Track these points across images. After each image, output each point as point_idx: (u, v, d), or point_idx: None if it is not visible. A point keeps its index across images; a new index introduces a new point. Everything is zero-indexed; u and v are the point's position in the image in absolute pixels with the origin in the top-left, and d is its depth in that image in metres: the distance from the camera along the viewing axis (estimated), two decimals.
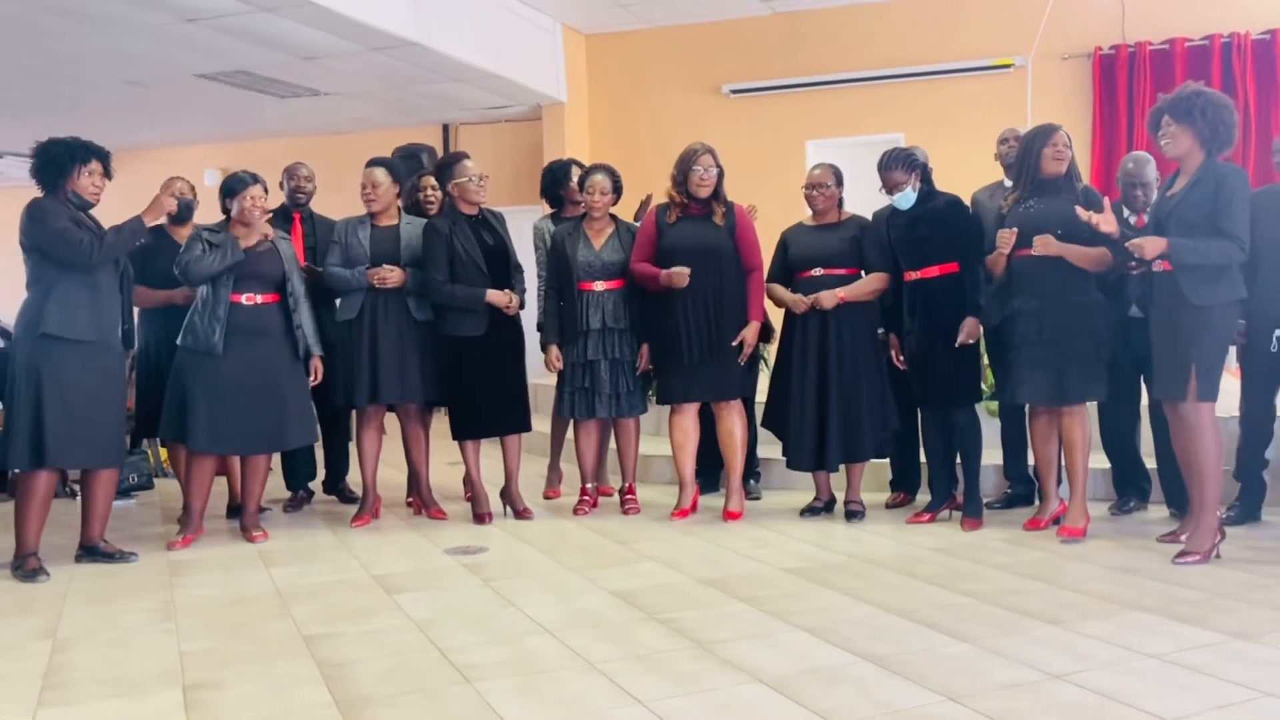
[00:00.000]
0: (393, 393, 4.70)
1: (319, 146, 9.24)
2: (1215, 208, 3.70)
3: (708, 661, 2.89)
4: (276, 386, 4.42)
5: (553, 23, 8.51)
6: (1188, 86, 3.85)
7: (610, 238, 4.78)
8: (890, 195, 4.48)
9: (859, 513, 4.68)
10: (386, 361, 4.65)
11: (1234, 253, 3.70)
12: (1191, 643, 2.94)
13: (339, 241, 4.76)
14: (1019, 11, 7.69)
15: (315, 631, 3.24)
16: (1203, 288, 3.72)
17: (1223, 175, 3.74)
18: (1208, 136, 3.75)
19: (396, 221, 4.81)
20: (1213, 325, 3.76)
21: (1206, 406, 3.80)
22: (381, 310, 4.68)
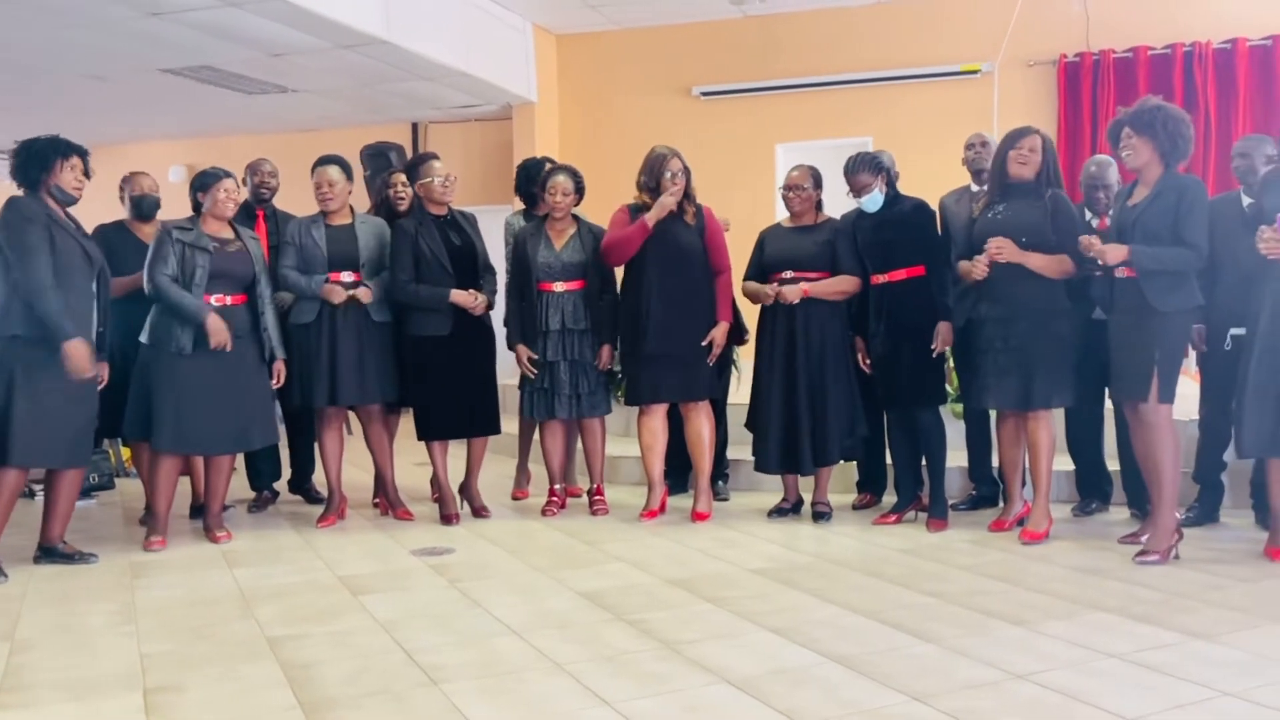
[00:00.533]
0: (351, 394, 4.67)
1: (287, 143, 9.16)
2: (1177, 217, 3.79)
3: (675, 662, 2.90)
4: (242, 387, 4.38)
5: (523, 22, 8.49)
6: (1148, 101, 3.93)
7: (572, 238, 4.77)
8: (857, 198, 4.51)
9: (826, 514, 4.71)
10: (345, 363, 4.62)
11: (1193, 260, 3.80)
12: (1151, 643, 2.98)
13: (293, 243, 4.68)
14: (986, 19, 7.77)
15: (279, 633, 3.21)
16: (1166, 294, 3.81)
17: (1183, 187, 3.84)
18: (1167, 149, 3.84)
19: (350, 220, 4.77)
20: (1174, 330, 3.86)
21: (1165, 408, 3.88)
22: (340, 312, 4.64)
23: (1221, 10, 7.30)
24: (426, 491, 5.37)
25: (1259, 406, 3.72)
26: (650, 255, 4.57)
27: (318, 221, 4.73)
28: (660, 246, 4.58)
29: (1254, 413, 3.73)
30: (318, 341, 4.61)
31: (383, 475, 4.94)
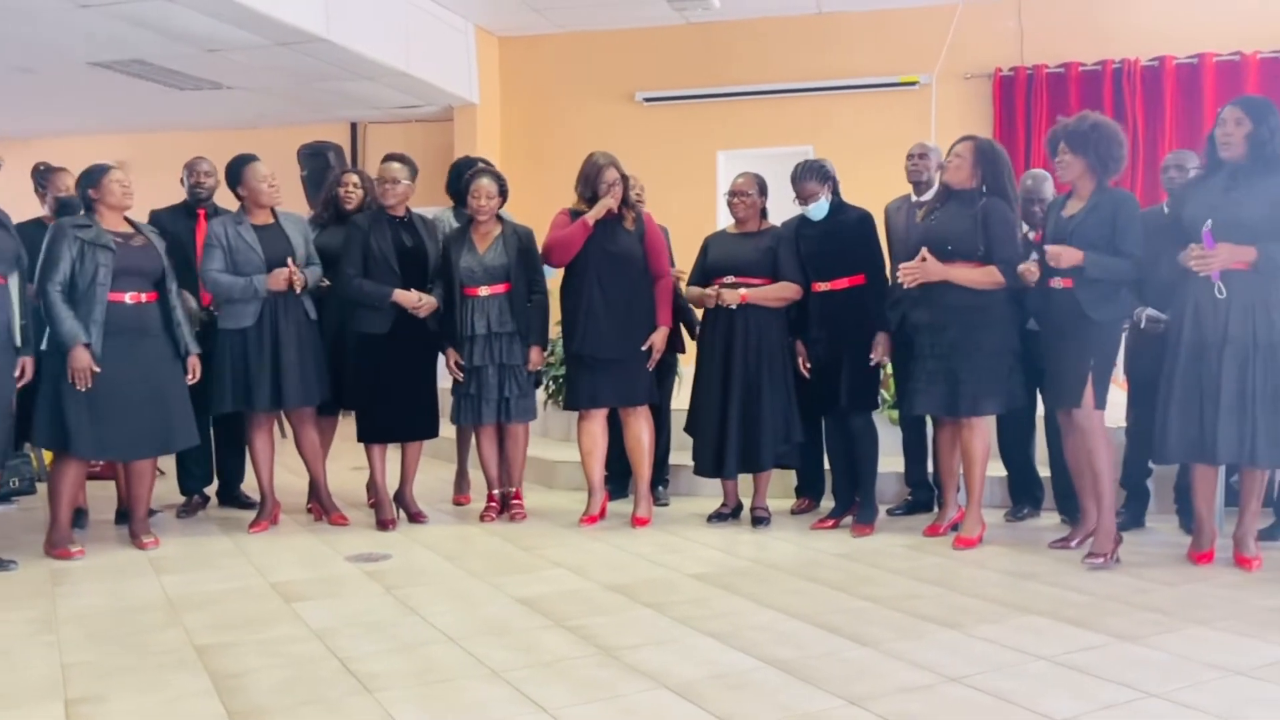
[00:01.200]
0: (295, 397, 4.59)
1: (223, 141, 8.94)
2: (1114, 230, 3.89)
3: (613, 668, 2.89)
4: (161, 387, 4.26)
5: (465, 24, 8.43)
6: (1086, 118, 4.01)
7: (496, 241, 4.73)
8: (803, 205, 4.54)
9: (764, 519, 4.73)
10: (289, 365, 4.54)
11: (1132, 271, 3.91)
12: (1080, 645, 3.04)
13: (218, 244, 4.56)
14: (924, 32, 7.90)
15: (208, 641, 3.14)
16: (1101, 304, 3.90)
17: (1119, 201, 3.95)
18: (1099, 168, 3.95)
19: (275, 220, 4.69)
20: (1108, 339, 3.97)
21: (1099, 414, 3.98)
22: (283, 313, 4.56)
23: (1149, 29, 7.52)
24: (362, 496, 5.29)
25: (1184, 413, 3.81)
26: (590, 260, 4.57)
27: (243, 221, 4.63)
28: (600, 251, 4.57)
29: (1179, 419, 3.82)
30: (259, 344, 4.52)
31: (315, 480, 4.86)
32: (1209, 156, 3.90)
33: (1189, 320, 3.81)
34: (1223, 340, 3.73)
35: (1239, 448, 3.74)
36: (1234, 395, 3.72)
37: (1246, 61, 7.33)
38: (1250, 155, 3.73)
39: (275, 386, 4.53)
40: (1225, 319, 3.72)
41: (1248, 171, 3.73)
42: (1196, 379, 3.79)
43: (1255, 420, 3.70)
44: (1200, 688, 2.69)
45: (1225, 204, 3.71)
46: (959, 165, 4.23)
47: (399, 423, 4.72)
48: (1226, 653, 2.95)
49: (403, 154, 4.89)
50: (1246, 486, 3.94)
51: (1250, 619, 3.27)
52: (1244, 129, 3.73)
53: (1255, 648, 2.99)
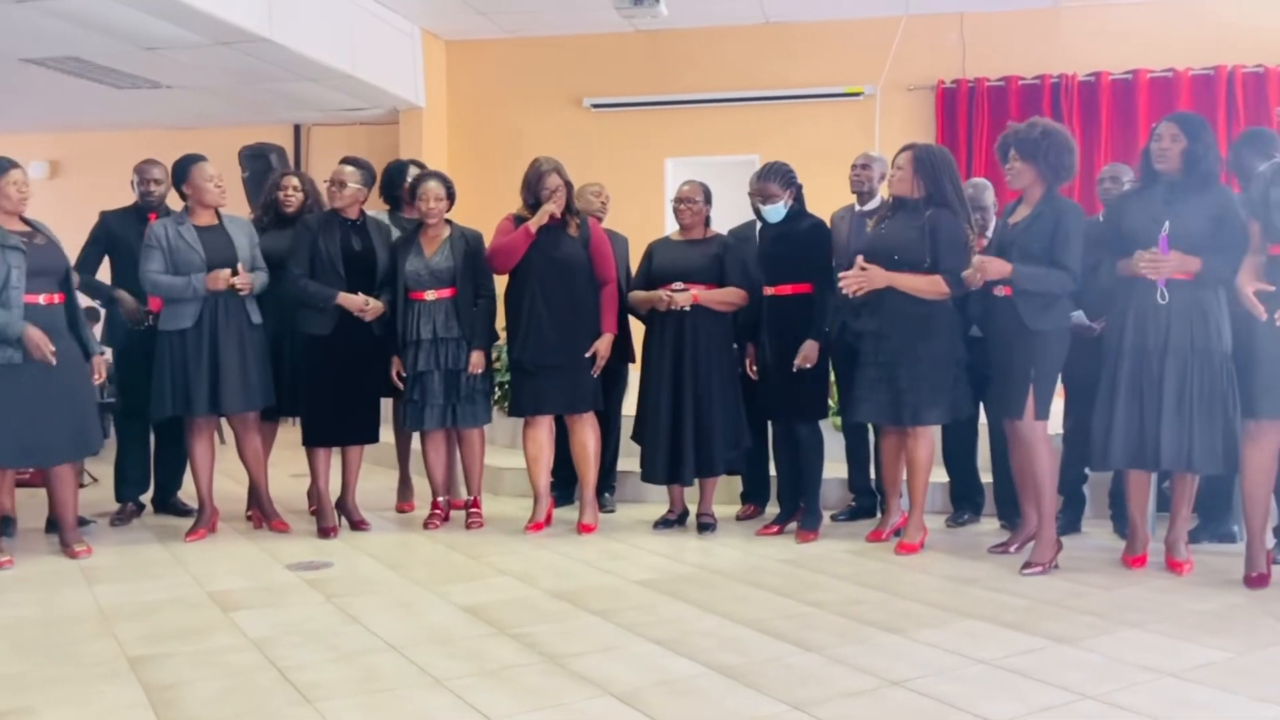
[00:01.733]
0: (235, 402, 4.51)
1: (162, 141, 8.77)
2: (1053, 241, 3.92)
3: (558, 676, 2.87)
4: (74, 390, 4.16)
5: (412, 26, 8.36)
6: (1036, 125, 4.04)
7: (443, 245, 4.70)
8: (762, 205, 4.56)
9: (710, 525, 4.74)
10: (229, 369, 4.47)
11: (1067, 283, 3.94)
12: (1019, 648, 3.09)
13: (157, 245, 4.48)
14: (869, 43, 8.01)
15: (142, 652, 3.06)
16: (1039, 314, 3.94)
17: (1061, 211, 3.97)
18: (1049, 175, 3.99)
19: (219, 221, 4.62)
20: (1048, 349, 3.98)
21: (1042, 425, 4.02)
22: (223, 316, 4.48)
23: (1086, 45, 7.70)
24: (303, 503, 5.21)
25: (1127, 420, 3.87)
26: (534, 266, 4.55)
27: (185, 222, 4.55)
28: (543, 258, 4.56)
29: (1123, 426, 3.87)
30: (198, 347, 4.44)
31: (256, 485, 4.78)
32: (1144, 169, 3.99)
33: (1130, 328, 3.87)
34: (1164, 348, 3.80)
35: (1178, 453, 3.82)
36: (1174, 402, 3.80)
37: (1179, 78, 7.53)
38: (1186, 170, 3.82)
39: (214, 390, 4.45)
40: (1166, 327, 3.80)
41: (1184, 186, 3.83)
42: (1138, 386, 3.86)
43: (1193, 426, 3.79)
44: (1134, 689, 2.75)
45: (1165, 216, 3.79)
46: (901, 177, 4.27)
47: (340, 426, 4.67)
48: (1159, 655, 3.02)
49: (359, 158, 4.85)
50: (1177, 492, 4.03)
51: (1181, 621, 3.35)
52: (1180, 145, 3.82)
53: (1186, 650, 3.07)
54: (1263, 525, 3.82)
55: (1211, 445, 3.79)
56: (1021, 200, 4.11)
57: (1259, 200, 3.68)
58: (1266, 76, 7.38)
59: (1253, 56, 7.42)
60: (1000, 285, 4.01)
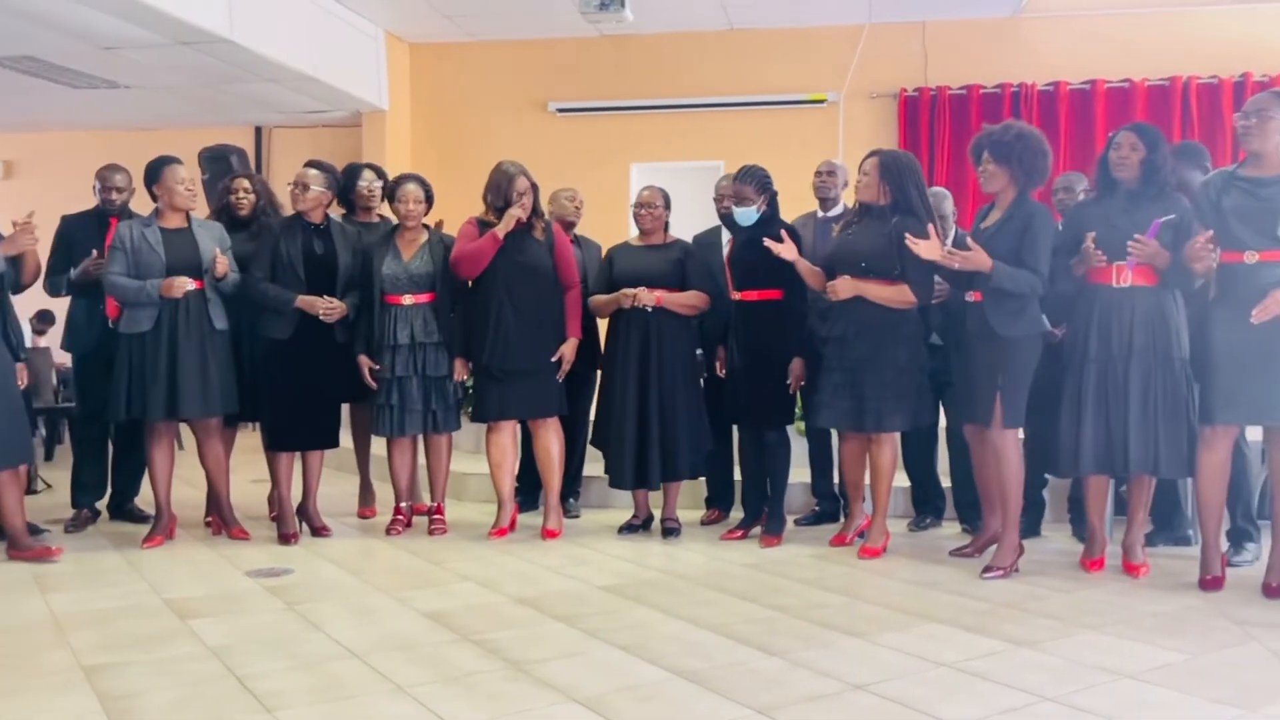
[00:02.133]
0: (194, 407, 4.45)
1: (121, 142, 8.67)
2: (1021, 243, 3.94)
3: (522, 682, 2.86)
4: (11, 396, 4.10)
5: (375, 29, 8.31)
6: (1010, 127, 4.06)
7: (421, 249, 4.68)
8: (735, 207, 4.56)
9: (675, 530, 4.74)
10: (188, 373, 4.40)
11: (1036, 284, 3.94)
12: (979, 651, 3.11)
13: (121, 247, 4.43)
14: (833, 51, 8.08)
15: (97, 661, 3.01)
16: (1008, 320, 3.95)
17: (1031, 214, 3.99)
18: (1022, 179, 4.01)
19: (188, 224, 4.56)
20: (1018, 356, 3.98)
21: (1011, 433, 4.03)
22: (183, 320, 4.42)
23: (1045, 55, 7.82)
24: (263, 510, 5.15)
25: (1095, 427, 3.91)
26: (498, 271, 4.53)
27: (150, 224, 4.50)
28: (509, 263, 4.54)
29: (1091, 433, 3.91)
30: (155, 350, 4.38)
31: (217, 492, 4.71)
32: (1101, 178, 4.05)
33: (1094, 335, 3.92)
34: (1129, 354, 3.86)
35: (1145, 458, 3.88)
36: (1139, 407, 3.85)
37: (1135, 89, 7.67)
38: (1144, 179, 3.89)
39: (171, 395, 4.39)
40: (1130, 333, 3.85)
41: (1140, 195, 3.89)
42: (1104, 393, 3.91)
43: (1159, 431, 3.85)
44: (1092, 691, 2.78)
45: (1126, 224, 3.85)
46: (867, 183, 4.29)
47: (302, 431, 4.63)
48: (1116, 656, 3.06)
49: (323, 161, 4.81)
50: (1135, 496, 4.09)
51: (1138, 624, 3.40)
52: (1139, 154, 3.88)
53: (1143, 651, 3.11)
54: (1217, 529, 3.89)
55: (1177, 450, 3.86)
56: (994, 205, 4.14)
57: (1209, 209, 3.75)
58: (1220, 88, 7.53)
59: (1207, 68, 7.58)
60: (971, 291, 4.03)
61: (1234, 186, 3.72)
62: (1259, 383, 3.65)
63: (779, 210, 4.60)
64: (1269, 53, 7.46)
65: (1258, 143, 3.68)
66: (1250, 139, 3.69)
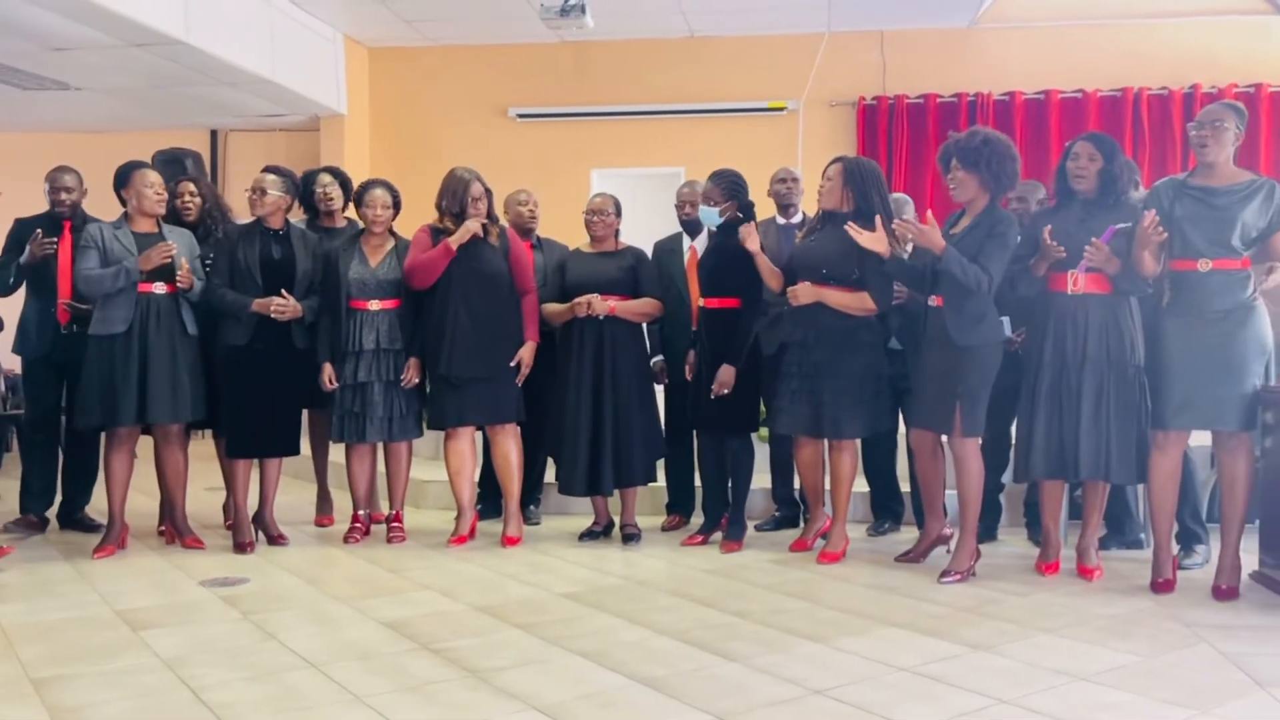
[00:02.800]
0: (164, 412, 4.37)
1: (71, 145, 8.51)
2: (982, 247, 3.96)
3: (482, 691, 2.84)
4: None
5: (333, 32, 8.24)
6: (977, 134, 4.08)
7: (388, 255, 4.66)
8: (701, 205, 4.59)
9: (635, 536, 4.74)
10: (158, 378, 4.33)
11: (983, 281, 3.92)
12: (936, 655, 3.14)
13: (94, 245, 4.36)
14: (792, 59, 8.14)
15: (46, 674, 2.95)
16: (966, 328, 3.98)
17: (996, 220, 4.02)
18: (991, 184, 4.04)
19: (159, 230, 4.50)
20: (977, 364, 4.00)
21: (971, 442, 4.06)
22: (154, 323, 4.35)
23: (1001, 65, 7.94)
24: (217, 518, 5.08)
25: (1047, 432, 3.97)
26: (454, 277, 4.50)
27: (121, 227, 4.44)
28: (464, 268, 4.51)
29: (1043, 438, 3.97)
30: (126, 354, 4.30)
31: (173, 500, 4.64)
32: (1059, 186, 4.10)
33: (1050, 342, 3.97)
34: (1082, 360, 3.92)
35: (1096, 464, 3.94)
36: (1091, 413, 3.91)
37: (1088, 99, 7.80)
38: (1101, 189, 3.95)
39: (141, 399, 4.31)
40: (1084, 340, 3.91)
41: (1096, 205, 3.96)
42: (1057, 399, 3.96)
43: (1110, 438, 3.91)
44: (1048, 693, 2.82)
45: (1082, 233, 3.91)
46: (831, 189, 4.31)
47: (262, 438, 4.57)
48: (1071, 659, 3.10)
49: (281, 167, 4.77)
50: (1089, 501, 4.15)
51: (1092, 626, 3.45)
52: (1097, 164, 3.94)
53: (1097, 654, 3.16)
54: (1168, 532, 3.95)
55: (1126, 456, 3.92)
56: (964, 212, 4.16)
57: (1161, 217, 3.82)
58: (1170, 98, 7.68)
59: (1157, 79, 7.74)
60: (936, 295, 4.05)
61: (1186, 195, 3.79)
62: (1211, 388, 3.72)
63: (753, 213, 4.59)
64: (1217, 65, 7.64)
65: (1213, 153, 3.75)
66: (1205, 149, 3.75)
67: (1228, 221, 3.69)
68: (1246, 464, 3.80)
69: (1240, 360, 3.70)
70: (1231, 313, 3.71)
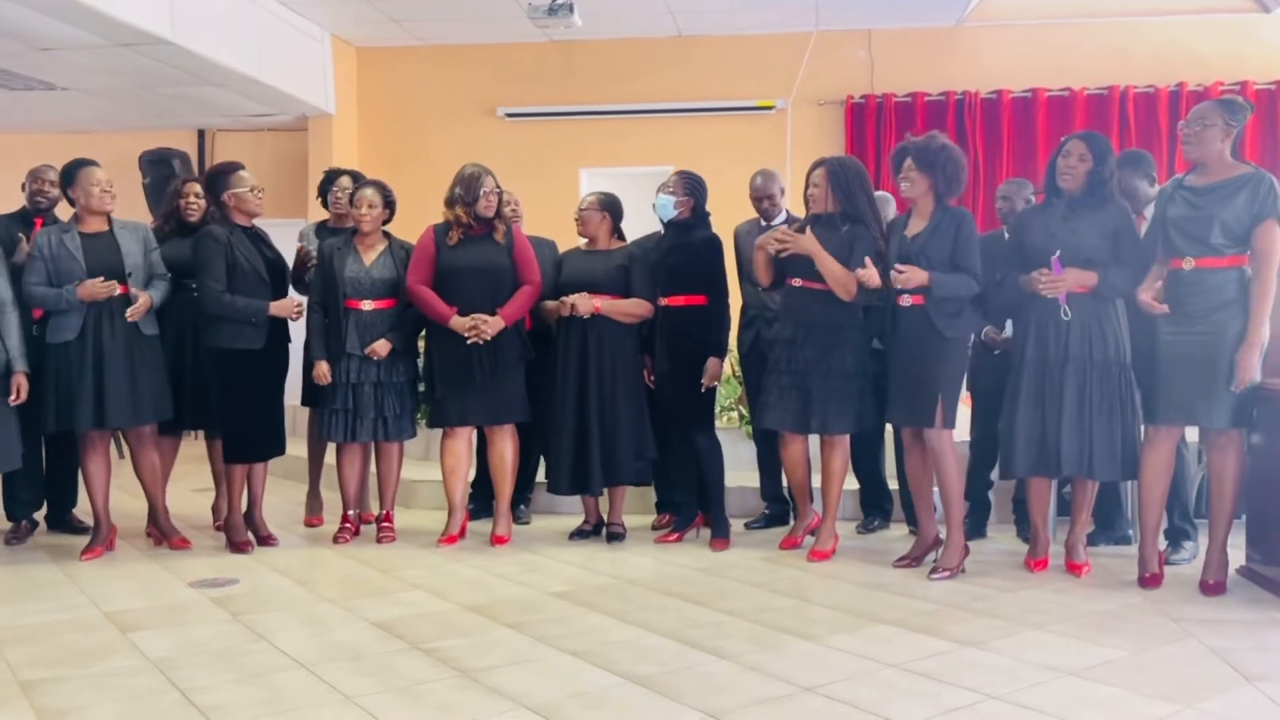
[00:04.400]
0: (122, 416, 4.35)
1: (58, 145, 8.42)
2: (954, 248, 4.04)
3: (472, 690, 2.84)
4: None
5: (321, 32, 8.22)
6: (936, 138, 4.15)
7: (382, 254, 4.65)
8: (657, 194, 4.63)
9: (620, 535, 4.73)
10: (114, 382, 4.30)
11: (972, 286, 4.05)
12: (926, 651, 3.15)
13: (40, 256, 4.31)
14: (780, 59, 8.15)
15: (34, 676, 2.94)
16: (952, 321, 4.05)
17: (959, 219, 4.10)
18: (942, 188, 4.11)
19: (108, 227, 4.45)
20: (956, 357, 4.11)
21: (948, 433, 4.11)
22: (108, 326, 4.32)
23: (989, 64, 7.96)
24: (206, 519, 5.06)
25: (1029, 429, 4.00)
26: (460, 275, 4.50)
27: (70, 230, 4.39)
28: (470, 266, 4.51)
29: (1025, 435, 4.00)
30: (81, 359, 4.27)
31: (153, 503, 4.62)
32: (1049, 183, 4.12)
33: (1032, 340, 4.01)
34: (1064, 358, 3.95)
35: (1079, 461, 3.96)
36: (1074, 410, 3.94)
37: (1075, 97, 7.83)
38: (1088, 189, 3.97)
39: (99, 404, 4.29)
40: (1066, 338, 3.95)
41: (1082, 204, 3.98)
42: (1040, 396, 3.99)
43: (1093, 435, 3.93)
44: (1037, 689, 2.83)
45: (1063, 232, 3.94)
46: (819, 195, 4.34)
47: (262, 441, 4.57)
48: (1060, 655, 3.11)
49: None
50: (1077, 498, 4.18)
51: (1081, 622, 3.46)
52: (1086, 165, 3.97)
53: (1086, 649, 3.17)
54: (1156, 527, 3.98)
55: (1110, 453, 3.94)
56: (911, 213, 4.21)
57: (1158, 218, 3.85)
58: (1156, 96, 7.72)
59: (1143, 78, 7.76)
60: (909, 294, 4.09)
61: (1178, 195, 3.82)
62: (1199, 385, 3.74)
63: (708, 220, 4.67)
64: (1203, 63, 7.67)
65: (1196, 151, 3.77)
66: (1190, 147, 3.79)
67: (1206, 220, 3.71)
68: (1236, 460, 3.82)
69: (1229, 357, 3.71)
70: (1219, 309, 3.72)
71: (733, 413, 5.70)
